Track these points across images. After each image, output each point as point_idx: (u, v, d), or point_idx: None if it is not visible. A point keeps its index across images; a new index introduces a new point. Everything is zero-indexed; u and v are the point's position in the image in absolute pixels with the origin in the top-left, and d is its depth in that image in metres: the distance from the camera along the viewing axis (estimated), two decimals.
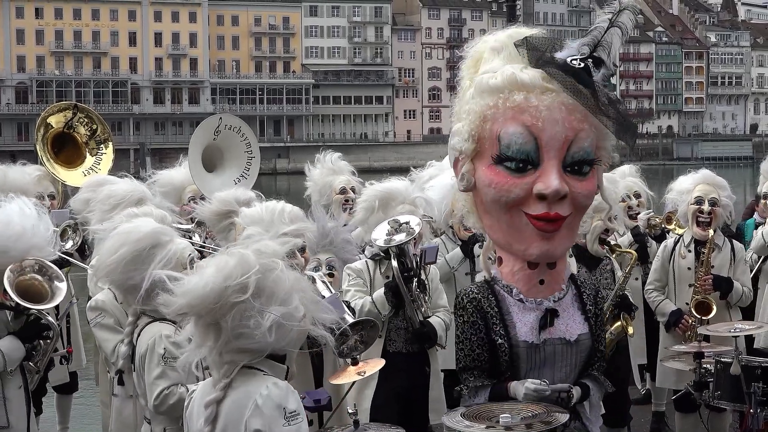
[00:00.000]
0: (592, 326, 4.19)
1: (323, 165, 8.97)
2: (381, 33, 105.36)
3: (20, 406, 5.06)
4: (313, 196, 8.88)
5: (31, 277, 5.16)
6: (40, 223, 5.27)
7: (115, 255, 4.64)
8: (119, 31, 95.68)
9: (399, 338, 6.15)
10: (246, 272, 3.34)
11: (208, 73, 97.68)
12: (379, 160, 79.47)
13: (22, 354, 5.01)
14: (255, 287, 3.33)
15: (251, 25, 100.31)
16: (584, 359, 4.17)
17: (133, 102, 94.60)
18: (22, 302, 5.00)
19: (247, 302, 3.32)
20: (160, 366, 4.49)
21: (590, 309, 4.21)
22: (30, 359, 5.17)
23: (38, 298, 5.12)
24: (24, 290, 5.07)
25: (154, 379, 4.49)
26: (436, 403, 6.27)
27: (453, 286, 7.11)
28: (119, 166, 9.73)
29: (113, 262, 4.65)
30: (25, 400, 5.13)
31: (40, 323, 5.12)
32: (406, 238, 5.99)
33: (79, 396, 8.44)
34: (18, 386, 5.06)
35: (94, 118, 9.34)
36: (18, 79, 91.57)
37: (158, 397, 4.45)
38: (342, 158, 9.18)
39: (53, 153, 8.92)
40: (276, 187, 52.80)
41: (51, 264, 5.32)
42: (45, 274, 5.23)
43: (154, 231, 4.75)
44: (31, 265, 5.21)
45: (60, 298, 5.25)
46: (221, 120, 8.73)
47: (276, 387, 3.36)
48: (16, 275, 5.05)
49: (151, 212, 5.94)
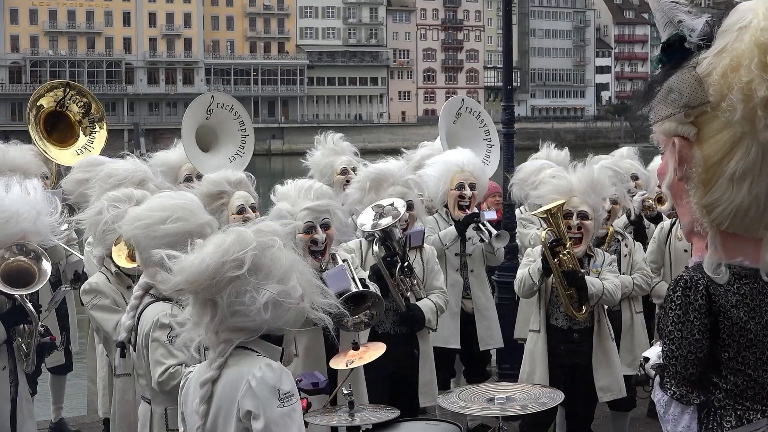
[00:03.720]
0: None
1: (324, 146, 8.95)
2: (376, 14, 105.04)
3: (5, 391, 5.05)
4: (315, 177, 8.88)
5: (16, 260, 5.12)
6: (43, 209, 5.21)
7: (166, 225, 4.45)
8: (113, 11, 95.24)
9: (387, 320, 6.17)
10: (243, 248, 3.34)
11: (202, 53, 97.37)
12: (373, 142, 79.23)
13: (4, 336, 5.01)
14: (251, 263, 3.32)
15: (246, 6, 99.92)
16: None
17: (127, 82, 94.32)
18: (5, 288, 4.98)
19: (243, 278, 3.31)
20: (166, 345, 4.43)
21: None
22: (12, 341, 5.17)
23: (29, 279, 5.10)
24: (14, 273, 5.04)
25: (160, 357, 4.43)
26: (427, 386, 6.27)
27: (443, 265, 7.12)
28: (113, 146, 9.68)
29: (162, 232, 4.45)
30: (11, 381, 5.12)
31: (23, 309, 5.11)
32: (392, 221, 6.00)
33: (73, 375, 8.43)
34: (3, 367, 5.05)
35: (87, 95, 9.24)
36: (12, 59, 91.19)
37: (163, 374, 4.40)
38: (344, 139, 9.17)
39: (45, 132, 8.83)
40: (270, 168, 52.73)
41: (33, 244, 5.28)
42: (28, 255, 5.19)
43: (208, 222, 4.60)
44: (11, 249, 5.17)
45: (45, 279, 5.21)
46: (213, 98, 8.69)
47: (269, 368, 3.35)
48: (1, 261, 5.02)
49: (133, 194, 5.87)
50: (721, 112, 3.01)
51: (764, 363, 3.15)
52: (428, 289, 6.33)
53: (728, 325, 3.12)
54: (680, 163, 3.13)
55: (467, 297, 7.38)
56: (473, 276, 7.38)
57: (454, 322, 7.25)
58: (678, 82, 3.08)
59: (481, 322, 7.36)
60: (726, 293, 3.12)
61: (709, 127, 3.07)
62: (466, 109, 8.98)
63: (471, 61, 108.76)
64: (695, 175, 3.10)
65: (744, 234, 3.14)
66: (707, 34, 3.12)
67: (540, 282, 6.16)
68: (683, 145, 3.12)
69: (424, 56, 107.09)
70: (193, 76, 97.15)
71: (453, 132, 8.74)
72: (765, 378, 3.16)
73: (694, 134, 3.10)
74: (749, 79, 2.93)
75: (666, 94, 3.10)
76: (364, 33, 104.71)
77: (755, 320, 3.13)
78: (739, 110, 2.96)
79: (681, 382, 3.18)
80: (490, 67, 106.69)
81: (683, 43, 3.13)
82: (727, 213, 3.09)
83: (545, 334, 6.24)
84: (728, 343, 3.13)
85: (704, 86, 3.04)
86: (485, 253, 7.35)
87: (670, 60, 3.15)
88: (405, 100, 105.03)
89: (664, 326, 3.16)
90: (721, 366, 3.16)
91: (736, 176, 3.04)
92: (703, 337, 3.12)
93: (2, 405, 5.10)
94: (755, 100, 2.93)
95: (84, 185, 6.86)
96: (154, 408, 4.56)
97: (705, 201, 3.10)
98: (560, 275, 6.06)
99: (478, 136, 8.83)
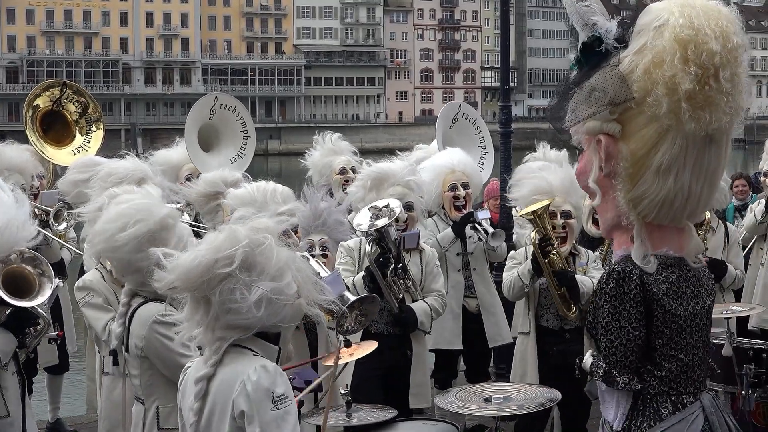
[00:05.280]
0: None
1: (323, 146, 8.97)
2: (373, 14, 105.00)
3: (16, 393, 5.04)
4: (314, 177, 8.91)
5: (19, 265, 5.07)
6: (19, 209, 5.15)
7: (127, 231, 4.44)
8: (110, 11, 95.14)
9: (381, 320, 6.15)
10: (234, 245, 3.35)
11: (199, 53, 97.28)
12: (370, 142, 79.13)
13: (14, 345, 4.98)
14: (242, 260, 3.33)
15: (243, 6, 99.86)
16: None
17: (124, 82, 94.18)
18: (8, 298, 4.93)
19: (234, 275, 3.32)
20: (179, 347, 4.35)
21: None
22: (23, 347, 5.14)
23: (26, 286, 5.05)
24: (11, 277, 4.99)
25: (179, 359, 4.30)
26: (418, 388, 6.25)
27: (444, 266, 7.14)
28: (110, 146, 9.67)
29: (124, 239, 4.44)
30: (20, 383, 5.10)
31: (29, 312, 5.06)
32: (387, 221, 6.00)
33: (69, 373, 8.42)
34: (12, 372, 5.03)
35: (84, 94, 9.22)
36: (8, 58, 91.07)
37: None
38: (342, 139, 9.19)
39: (42, 131, 8.82)
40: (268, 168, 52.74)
41: (44, 259, 5.24)
42: (36, 267, 5.15)
43: (169, 213, 4.58)
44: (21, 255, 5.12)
45: (44, 298, 5.12)
46: (216, 99, 8.72)
47: (264, 370, 3.35)
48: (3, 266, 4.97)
49: (133, 191, 5.87)
50: (646, 107, 3.16)
51: (693, 347, 3.32)
52: (426, 291, 6.31)
53: (661, 313, 3.27)
54: (607, 160, 3.26)
55: (471, 296, 7.38)
56: (476, 274, 7.38)
57: (457, 323, 7.26)
58: (601, 81, 3.21)
59: (488, 319, 7.36)
60: (657, 282, 3.26)
61: (634, 122, 3.22)
62: (462, 114, 9.01)
63: (468, 62, 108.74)
64: (622, 170, 3.24)
65: (668, 225, 3.30)
66: (622, 35, 3.28)
67: (531, 283, 6.17)
68: (609, 142, 3.25)
69: (421, 56, 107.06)
70: (191, 76, 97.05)
71: (448, 137, 8.76)
72: (695, 361, 3.33)
73: (619, 131, 3.24)
74: (672, 73, 3.10)
75: (588, 94, 3.24)
76: (361, 33, 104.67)
77: (683, 306, 3.29)
78: (665, 104, 3.12)
79: (623, 370, 3.31)
80: (488, 67, 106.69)
81: (600, 45, 3.28)
82: (654, 204, 3.23)
83: (535, 336, 6.25)
84: (662, 330, 3.29)
85: (628, 83, 3.18)
86: (487, 251, 7.36)
87: (589, 61, 3.29)
88: (402, 100, 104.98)
89: (600, 318, 3.30)
90: (655, 353, 3.30)
91: (662, 168, 3.18)
92: (640, 325, 3.26)
93: (17, 407, 5.07)
94: (679, 93, 3.10)
95: (80, 186, 6.85)
96: (148, 407, 4.56)
97: (632, 194, 3.25)
98: (551, 275, 6.07)
99: (472, 143, 8.85)
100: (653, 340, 3.30)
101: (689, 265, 3.36)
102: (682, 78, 3.10)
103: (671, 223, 3.30)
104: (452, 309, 7.12)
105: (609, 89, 3.18)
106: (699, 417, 3.30)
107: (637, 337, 3.27)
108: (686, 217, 3.34)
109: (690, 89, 3.10)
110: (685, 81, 3.10)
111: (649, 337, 3.29)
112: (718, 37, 3.12)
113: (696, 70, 3.09)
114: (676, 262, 3.32)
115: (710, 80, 3.11)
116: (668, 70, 3.11)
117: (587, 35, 3.31)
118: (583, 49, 3.32)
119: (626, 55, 3.23)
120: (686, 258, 3.36)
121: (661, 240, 3.31)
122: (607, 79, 3.21)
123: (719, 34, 3.12)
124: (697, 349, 3.34)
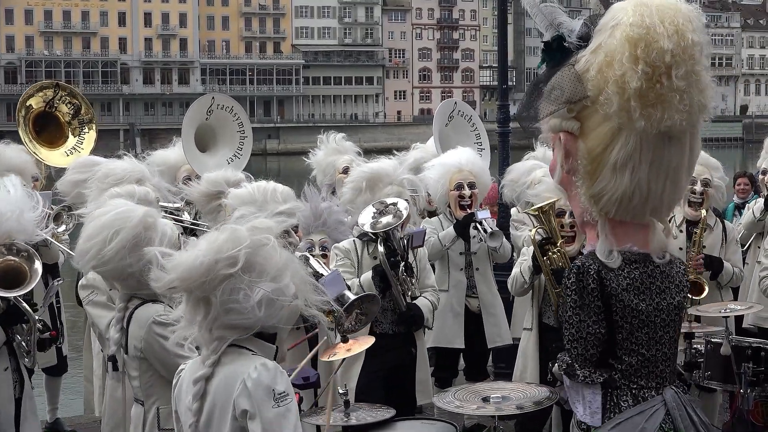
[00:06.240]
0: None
1: (327, 145, 8.99)
2: (371, 13, 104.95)
3: (9, 391, 5.03)
4: (318, 176, 8.93)
5: (5, 260, 5.09)
6: (25, 205, 5.17)
7: (113, 243, 4.39)
8: (109, 11, 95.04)
9: (385, 320, 6.17)
10: (236, 246, 3.34)
11: (198, 53, 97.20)
12: (369, 141, 79.08)
13: (3, 338, 4.98)
14: (244, 261, 3.33)
15: (241, 5, 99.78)
16: None
17: (122, 82, 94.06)
18: None
19: (237, 276, 3.31)
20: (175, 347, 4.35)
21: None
22: (12, 342, 5.14)
23: (21, 278, 5.07)
24: (3, 273, 5.01)
25: (179, 359, 4.26)
26: (423, 385, 6.30)
27: (446, 264, 7.13)
28: (109, 146, 9.67)
29: (112, 251, 4.40)
30: (15, 380, 5.10)
31: (18, 309, 5.08)
32: (394, 221, 5.99)
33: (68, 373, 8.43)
34: (5, 368, 5.03)
35: (77, 95, 9.22)
36: (7, 59, 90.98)
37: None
38: (346, 138, 9.20)
39: (35, 133, 8.82)
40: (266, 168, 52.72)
41: (23, 244, 5.24)
42: (19, 254, 5.16)
43: (146, 213, 4.56)
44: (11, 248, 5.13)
45: (37, 278, 5.18)
46: (213, 100, 8.73)
47: (265, 368, 3.34)
48: None
49: (134, 191, 5.89)
50: (600, 106, 3.22)
51: (656, 342, 3.37)
52: (421, 287, 6.36)
53: (620, 308, 3.31)
54: (566, 157, 3.33)
55: (473, 296, 7.38)
56: (479, 274, 7.39)
57: (458, 321, 7.26)
58: (559, 80, 3.29)
59: (488, 320, 7.37)
60: (617, 277, 3.31)
61: (591, 120, 3.27)
62: (458, 112, 9.02)
63: (466, 61, 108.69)
64: (581, 167, 3.31)
65: (632, 221, 3.35)
66: (585, 34, 3.34)
67: (531, 280, 6.17)
68: (568, 139, 3.32)
69: (420, 56, 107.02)
70: (189, 76, 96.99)
71: (444, 134, 8.76)
72: (658, 356, 3.37)
73: (577, 128, 3.30)
74: (622, 72, 3.16)
75: (549, 92, 3.30)
76: (359, 32, 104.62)
77: (646, 302, 3.33)
78: (615, 102, 3.17)
79: (583, 363, 3.37)
80: (486, 66, 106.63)
81: (563, 43, 3.34)
82: (613, 201, 3.28)
83: (537, 332, 6.27)
84: (621, 324, 3.33)
85: (583, 82, 3.24)
86: (490, 251, 7.36)
87: (552, 60, 3.36)
88: (401, 100, 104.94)
89: (563, 312, 3.37)
90: (616, 347, 3.36)
91: (618, 165, 3.24)
92: (600, 319, 3.31)
93: (7, 405, 5.07)
94: (629, 92, 3.15)
95: (80, 186, 6.86)
96: (147, 408, 4.55)
97: (592, 191, 3.31)
98: (549, 273, 6.07)
99: (468, 140, 8.85)
100: (615, 335, 3.34)
101: (655, 261, 3.39)
102: (631, 76, 3.14)
103: (634, 219, 3.34)
104: (453, 308, 7.14)
105: (566, 88, 3.24)
106: (659, 411, 3.33)
107: (597, 331, 3.32)
108: (649, 214, 3.36)
109: (638, 87, 3.14)
110: (633, 80, 3.14)
111: (611, 332, 3.34)
112: (671, 35, 3.14)
113: (645, 68, 3.13)
114: (641, 258, 3.36)
115: (662, 78, 3.14)
116: (618, 68, 3.16)
117: (551, 35, 3.36)
118: (545, 49, 3.37)
119: (584, 54, 3.28)
120: (651, 254, 3.39)
121: (625, 236, 3.35)
122: (564, 78, 3.26)
123: (672, 32, 3.15)
124: (661, 345, 3.37)
